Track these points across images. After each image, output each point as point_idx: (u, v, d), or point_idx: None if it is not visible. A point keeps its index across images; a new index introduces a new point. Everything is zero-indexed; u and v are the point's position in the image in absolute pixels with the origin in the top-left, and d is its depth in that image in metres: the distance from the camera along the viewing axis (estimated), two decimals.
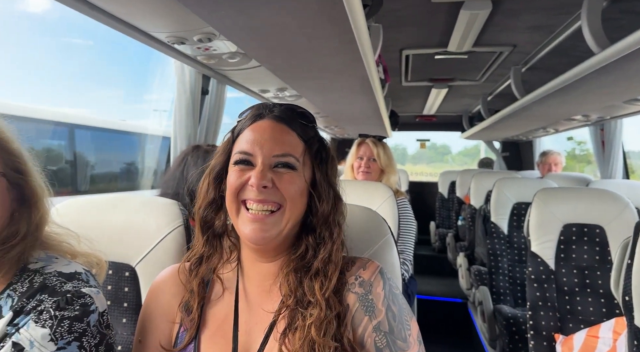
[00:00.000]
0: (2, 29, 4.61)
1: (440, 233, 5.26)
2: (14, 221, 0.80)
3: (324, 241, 0.84)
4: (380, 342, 0.77)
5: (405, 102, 4.60)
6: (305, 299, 0.79)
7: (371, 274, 0.84)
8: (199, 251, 0.90)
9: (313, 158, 0.87)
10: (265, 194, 0.79)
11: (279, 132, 0.84)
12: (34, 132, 4.44)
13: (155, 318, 0.88)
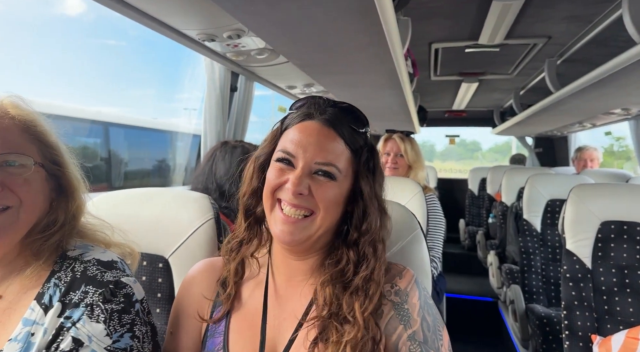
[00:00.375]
0: (42, 32, 4.81)
1: (470, 231, 5.16)
2: (53, 210, 0.85)
3: (367, 258, 0.82)
4: (415, 351, 0.76)
5: (434, 97, 4.52)
6: (341, 313, 0.78)
7: (407, 284, 0.83)
8: (239, 235, 0.92)
9: (360, 168, 0.84)
10: (300, 200, 0.79)
11: (325, 138, 0.82)
12: (71, 130, 4.61)
13: (186, 311, 0.90)
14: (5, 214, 0.76)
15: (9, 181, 0.76)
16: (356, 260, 0.82)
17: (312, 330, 0.78)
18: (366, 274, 0.80)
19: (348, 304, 0.78)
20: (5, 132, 0.78)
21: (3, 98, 0.83)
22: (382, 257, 0.83)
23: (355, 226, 0.83)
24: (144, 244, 1.17)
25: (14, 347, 0.73)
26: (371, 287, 0.80)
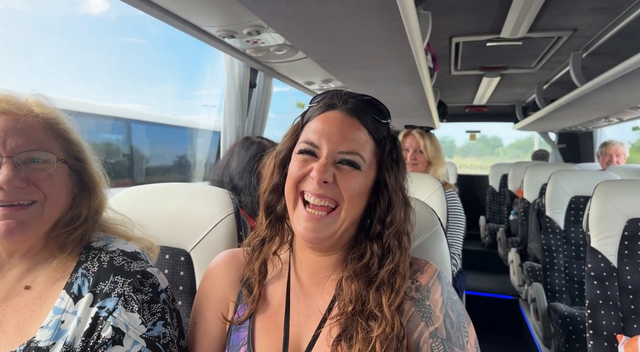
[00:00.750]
0: (67, 31, 4.93)
1: (490, 228, 5.09)
2: (76, 205, 0.88)
3: (392, 251, 0.80)
4: (437, 348, 0.75)
5: (455, 91, 4.46)
6: (366, 310, 0.76)
7: (429, 279, 0.81)
8: (261, 233, 0.90)
9: (384, 159, 0.83)
10: (324, 189, 0.77)
11: (349, 127, 0.80)
12: (95, 126, 4.72)
13: (209, 300, 0.91)
14: (31, 208, 0.79)
15: (33, 177, 0.79)
16: (381, 253, 0.81)
17: (335, 327, 0.77)
18: (391, 267, 0.79)
19: (374, 299, 0.77)
20: (30, 129, 0.81)
21: (28, 97, 0.86)
22: (407, 249, 0.82)
23: (379, 219, 0.82)
24: (166, 238, 1.19)
25: (45, 334, 0.77)
26: (397, 281, 0.78)
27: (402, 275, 0.79)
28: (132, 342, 0.78)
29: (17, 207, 0.78)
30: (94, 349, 0.76)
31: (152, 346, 0.79)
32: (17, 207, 0.78)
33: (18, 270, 0.84)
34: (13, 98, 0.83)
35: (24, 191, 0.78)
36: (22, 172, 0.78)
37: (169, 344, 0.82)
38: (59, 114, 0.87)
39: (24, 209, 0.78)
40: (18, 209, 0.78)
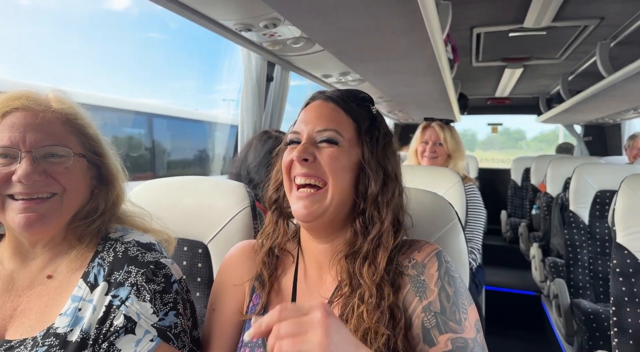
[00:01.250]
0: (91, 27, 5.04)
1: (512, 222, 4.99)
2: (94, 198, 0.91)
3: (373, 222, 0.83)
4: (429, 322, 0.75)
5: (476, 83, 4.37)
6: (361, 290, 0.78)
7: (425, 256, 0.82)
8: (268, 228, 0.95)
9: (362, 136, 0.86)
10: (307, 168, 0.81)
11: (325, 109, 0.86)
12: (118, 121, 4.82)
13: (227, 288, 0.94)
14: (50, 201, 0.82)
15: (51, 170, 0.82)
16: (363, 227, 0.83)
17: (334, 308, 0.80)
18: (373, 236, 0.81)
19: (359, 271, 0.80)
20: (48, 125, 0.83)
21: (48, 92, 0.88)
22: (386, 220, 0.82)
23: (362, 195, 0.84)
24: (184, 231, 1.21)
25: (64, 321, 0.79)
26: (379, 252, 0.81)
27: (385, 247, 0.81)
28: (144, 332, 0.80)
29: (36, 200, 0.80)
30: (107, 337, 0.78)
31: (164, 336, 0.81)
32: (37, 200, 0.80)
33: (41, 260, 0.87)
34: (33, 94, 0.85)
35: (43, 183, 0.81)
36: (40, 166, 0.80)
37: (181, 334, 0.84)
38: (77, 109, 0.89)
39: (43, 202, 0.81)
40: (38, 202, 0.80)
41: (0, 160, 0.80)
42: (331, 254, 0.87)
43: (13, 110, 0.81)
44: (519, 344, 3.29)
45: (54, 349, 0.76)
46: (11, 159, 0.80)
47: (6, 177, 0.79)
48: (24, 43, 3.42)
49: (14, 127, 0.80)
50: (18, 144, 0.79)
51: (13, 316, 0.83)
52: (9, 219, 0.81)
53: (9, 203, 0.80)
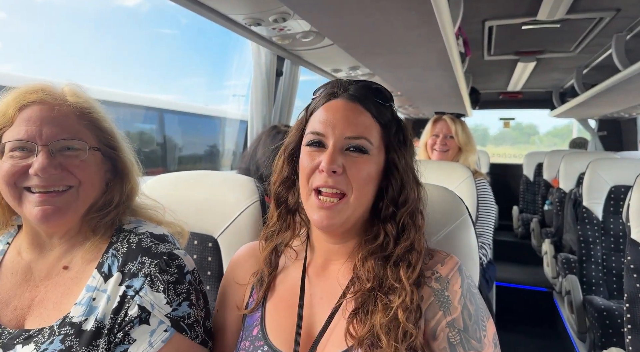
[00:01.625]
0: (103, 24, 5.08)
1: (523, 218, 4.94)
2: (109, 191, 0.92)
3: (407, 230, 0.82)
4: (454, 338, 0.75)
5: (488, 77, 4.32)
6: (385, 285, 0.78)
7: (449, 271, 0.81)
8: (272, 225, 0.93)
9: (391, 141, 0.84)
10: (334, 180, 0.78)
11: (352, 112, 0.81)
12: (130, 116, 4.86)
13: (231, 291, 0.94)
14: (67, 194, 0.83)
15: (67, 164, 0.83)
16: (396, 233, 0.82)
17: (350, 302, 0.79)
18: (407, 244, 0.80)
19: (392, 274, 0.78)
20: (64, 118, 0.84)
21: (64, 86, 0.89)
22: (422, 228, 0.83)
23: (392, 200, 0.83)
24: (194, 224, 1.22)
25: (79, 311, 0.81)
26: (413, 257, 0.80)
27: (418, 251, 0.81)
28: (158, 322, 0.81)
29: (53, 193, 0.82)
30: (122, 327, 0.80)
31: (177, 326, 0.82)
32: (53, 193, 0.82)
33: (57, 251, 0.89)
34: (49, 87, 0.86)
35: (59, 176, 0.82)
36: (56, 159, 0.82)
37: (194, 324, 0.85)
38: (92, 103, 0.90)
39: (60, 195, 0.82)
40: (54, 195, 0.82)
41: (17, 153, 0.81)
42: (344, 253, 0.87)
43: (30, 104, 0.83)
44: (530, 340, 3.27)
45: (69, 337, 0.78)
46: (28, 152, 0.81)
47: (23, 169, 0.80)
48: (36, 40, 3.46)
49: (31, 120, 0.81)
50: (34, 137, 0.80)
51: (31, 305, 0.85)
52: (27, 212, 0.82)
53: (26, 196, 0.82)
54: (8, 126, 0.82)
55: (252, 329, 0.86)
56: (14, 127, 0.82)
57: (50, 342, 0.78)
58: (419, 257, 0.80)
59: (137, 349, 0.79)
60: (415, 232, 0.82)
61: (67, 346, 0.77)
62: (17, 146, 0.81)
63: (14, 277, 0.88)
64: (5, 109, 0.82)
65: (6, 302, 0.85)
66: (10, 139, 0.81)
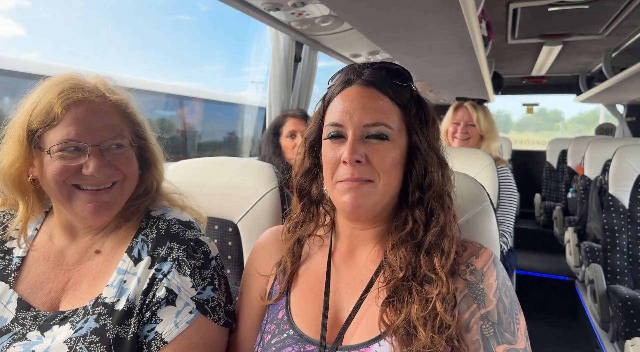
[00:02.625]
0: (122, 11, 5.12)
1: (546, 206, 4.84)
2: (143, 180, 0.96)
3: (435, 214, 0.80)
4: (487, 331, 0.75)
5: (511, 62, 4.20)
6: (418, 274, 0.77)
7: (484, 263, 0.80)
8: (295, 217, 0.93)
9: (412, 122, 0.81)
10: (358, 170, 0.76)
11: (368, 98, 0.80)
12: (151, 103, 4.93)
13: (255, 274, 0.95)
14: (114, 189, 0.87)
15: (115, 161, 0.87)
16: (424, 219, 0.80)
17: (382, 291, 0.78)
18: (437, 229, 0.79)
19: (426, 263, 0.77)
20: (110, 118, 0.87)
21: (97, 81, 0.91)
22: (451, 209, 0.82)
23: (417, 184, 0.81)
24: (214, 209, 1.24)
25: (110, 292, 0.85)
26: (445, 243, 0.78)
27: (449, 236, 0.79)
28: (184, 304, 0.84)
29: (102, 190, 0.86)
30: (150, 307, 0.83)
31: (201, 308, 0.85)
32: (103, 190, 0.86)
33: (89, 237, 0.93)
34: (85, 84, 0.88)
35: (109, 174, 0.86)
36: (106, 158, 0.85)
37: (217, 307, 0.88)
38: (127, 98, 0.93)
39: (108, 191, 0.86)
40: (104, 192, 0.86)
41: (67, 153, 0.84)
42: (371, 239, 0.86)
43: (74, 103, 0.84)
44: (551, 330, 3.23)
45: (103, 316, 0.82)
46: (78, 152, 0.84)
47: (75, 169, 0.84)
48: (59, 28, 3.52)
49: (78, 121, 0.84)
50: (84, 137, 0.83)
51: (65, 288, 0.88)
52: (77, 208, 0.85)
53: (76, 193, 0.85)
54: (54, 125, 0.84)
55: (277, 313, 0.86)
56: (61, 127, 0.83)
57: (85, 321, 0.82)
58: (452, 243, 0.79)
59: (164, 328, 0.82)
60: (444, 216, 0.80)
61: (101, 324, 0.81)
62: (67, 147, 0.83)
63: (47, 262, 0.91)
64: (49, 107, 0.83)
65: (40, 285, 0.89)
66: (59, 141, 0.83)
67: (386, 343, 0.73)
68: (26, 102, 0.86)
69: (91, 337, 0.79)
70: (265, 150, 1.93)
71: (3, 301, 0.87)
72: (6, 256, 0.92)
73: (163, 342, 0.82)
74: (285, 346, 0.80)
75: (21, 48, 3.55)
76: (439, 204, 0.81)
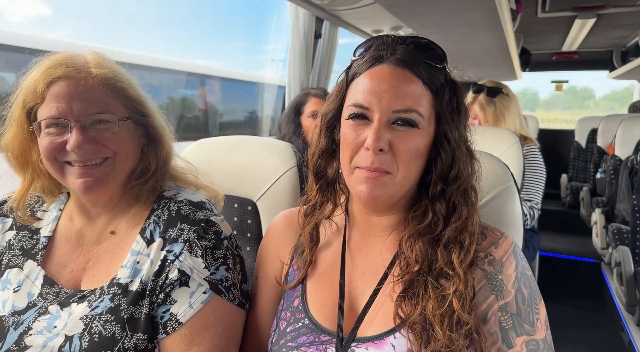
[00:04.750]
0: None
1: (572, 187, 4.71)
2: (145, 157, 0.94)
3: (457, 208, 0.76)
4: (506, 322, 0.73)
5: (540, 37, 4.03)
6: (434, 268, 0.74)
7: (503, 254, 0.77)
8: (312, 199, 0.89)
9: (443, 110, 0.76)
10: (379, 159, 0.72)
11: (400, 81, 0.73)
12: (173, 82, 4.96)
13: (269, 257, 0.94)
14: (104, 165, 0.86)
15: (100, 137, 0.85)
16: (445, 213, 0.76)
17: (397, 285, 0.76)
18: (458, 224, 0.75)
19: (443, 257, 0.74)
20: (91, 92, 0.85)
21: (86, 55, 0.90)
22: (475, 205, 0.78)
23: (441, 175, 0.76)
24: (234, 188, 1.25)
25: (125, 273, 0.86)
26: (466, 238, 0.75)
27: (470, 232, 0.75)
28: (197, 284, 0.85)
29: (91, 166, 0.85)
30: (163, 289, 0.84)
31: (215, 289, 0.86)
32: (92, 166, 0.85)
33: (104, 218, 0.94)
34: (72, 59, 0.87)
35: (94, 151, 0.84)
36: (89, 134, 0.84)
37: (231, 287, 0.88)
38: (116, 71, 0.90)
39: (98, 167, 0.85)
40: (93, 168, 0.85)
41: (52, 129, 0.84)
42: (387, 226, 0.83)
43: (56, 80, 0.84)
44: (574, 312, 3.19)
45: (117, 296, 0.84)
46: (62, 128, 0.84)
47: (60, 146, 0.84)
48: (84, 6, 3.55)
49: (60, 97, 0.83)
50: (66, 113, 0.83)
51: (86, 268, 0.91)
52: (70, 184, 0.86)
53: (67, 169, 0.85)
54: (40, 102, 0.84)
55: (293, 300, 0.85)
56: (45, 104, 0.84)
57: (101, 301, 0.84)
58: (473, 239, 0.75)
59: (178, 309, 0.83)
60: (467, 211, 0.76)
61: (116, 304, 0.83)
62: (51, 123, 0.84)
63: (68, 242, 0.94)
64: (34, 86, 0.84)
65: (63, 265, 0.92)
66: (44, 117, 0.84)
67: (401, 336, 0.72)
68: (23, 80, 0.87)
69: (106, 316, 0.82)
70: (286, 130, 1.92)
71: (31, 277, 0.90)
72: (34, 235, 0.95)
73: (178, 323, 0.83)
74: (300, 335, 0.79)
75: (47, 27, 3.60)
76: (463, 199, 0.76)
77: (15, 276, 0.90)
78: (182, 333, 0.83)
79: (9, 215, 0.98)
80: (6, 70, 2.58)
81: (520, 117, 2.38)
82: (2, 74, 2.73)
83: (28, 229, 0.96)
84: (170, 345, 0.83)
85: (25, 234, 0.95)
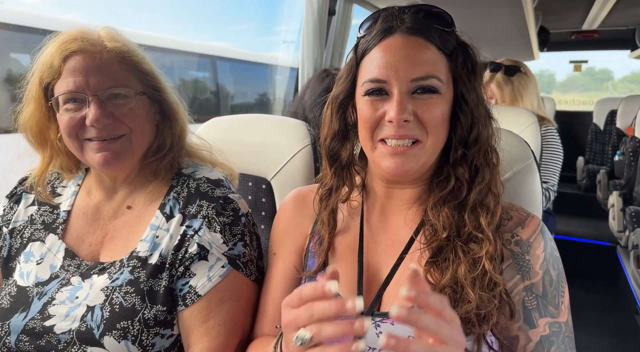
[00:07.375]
0: None
1: (589, 169, 4.63)
2: (160, 133, 0.95)
3: (480, 171, 0.75)
4: (530, 303, 0.72)
5: (560, 15, 3.91)
6: (463, 233, 0.73)
7: (531, 234, 0.76)
8: (328, 183, 0.87)
9: (459, 73, 0.75)
10: (405, 129, 0.71)
11: (415, 49, 0.72)
12: (184, 63, 4.93)
13: (285, 234, 0.92)
14: (121, 141, 0.87)
15: (117, 113, 0.86)
16: (468, 177, 0.76)
17: (425, 251, 0.75)
18: (482, 187, 0.75)
19: (471, 221, 0.73)
20: (107, 66, 0.85)
21: (99, 30, 0.89)
22: (497, 166, 0.77)
23: (461, 139, 0.76)
24: (248, 166, 1.24)
25: (144, 246, 0.88)
26: (490, 201, 0.74)
27: (494, 194, 0.75)
28: (216, 259, 0.86)
29: (109, 140, 0.85)
30: (182, 262, 0.86)
31: (233, 263, 0.87)
32: (110, 140, 0.86)
33: (122, 193, 0.95)
34: (86, 34, 0.87)
35: (112, 127, 0.85)
36: (107, 108, 0.84)
37: (248, 263, 0.90)
38: (130, 46, 0.90)
39: (115, 142, 0.86)
40: (111, 142, 0.86)
41: (70, 105, 0.85)
42: (410, 198, 0.81)
43: (72, 54, 0.84)
44: (589, 295, 3.18)
45: (137, 269, 0.86)
46: (80, 103, 0.84)
47: (80, 122, 0.84)
48: None
49: (76, 71, 0.83)
50: (83, 88, 0.83)
51: (103, 242, 0.93)
52: (89, 159, 0.87)
53: (87, 144, 0.86)
54: (57, 78, 0.85)
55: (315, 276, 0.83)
56: (62, 79, 0.84)
57: (121, 273, 0.86)
58: (498, 200, 0.75)
59: (197, 282, 0.85)
60: (489, 173, 0.75)
61: (135, 276, 0.85)
62: (69, 98, 0.84)
63: (86, 217, 0.95)
64: (50, 61, 0.84)
65: (82, 238, 0.94)
66: (61, 92, 0.84)
67: None
68: (39, 57, 0.87)
69: (126, 288, 0.84)
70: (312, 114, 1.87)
71: (53, 250, 0.92)
72: (54, 210, 0.97)
73: (197, 295, 0.84)
74: None
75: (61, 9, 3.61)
76: (484, 161, 0.76)
77: (38, 249, 0.93)
78: (200, 305, 0.85)
79: (31, 191, 1.00)
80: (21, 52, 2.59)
81: (539, 97, 2.33)
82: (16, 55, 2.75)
83: (49, 204, 0.98)
84: (189, 317, 0.85)
85: (47, 209, 0.98)
